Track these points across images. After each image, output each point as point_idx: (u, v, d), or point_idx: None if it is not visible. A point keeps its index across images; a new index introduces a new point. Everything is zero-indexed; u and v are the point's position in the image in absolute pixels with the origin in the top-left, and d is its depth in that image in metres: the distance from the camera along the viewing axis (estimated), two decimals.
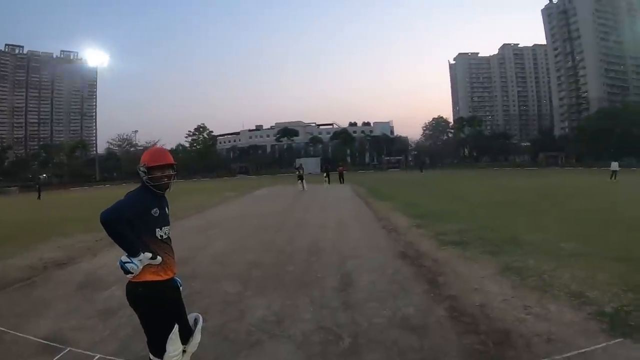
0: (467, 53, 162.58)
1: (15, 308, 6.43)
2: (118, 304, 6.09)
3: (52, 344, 4.85)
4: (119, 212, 3.15)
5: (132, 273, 3.19)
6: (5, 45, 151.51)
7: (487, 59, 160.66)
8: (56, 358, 4.50)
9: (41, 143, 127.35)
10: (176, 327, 3.34)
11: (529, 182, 32.84)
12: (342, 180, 40.20)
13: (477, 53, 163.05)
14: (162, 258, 3.30)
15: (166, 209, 3.48)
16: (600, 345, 4.01)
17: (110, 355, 4.49)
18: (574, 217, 12.57)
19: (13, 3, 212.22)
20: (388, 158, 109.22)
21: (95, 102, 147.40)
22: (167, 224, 3.46)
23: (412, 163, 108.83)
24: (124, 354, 4.51)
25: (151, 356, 3.37)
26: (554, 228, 10.58)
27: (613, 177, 33.08)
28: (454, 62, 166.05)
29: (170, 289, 3.39)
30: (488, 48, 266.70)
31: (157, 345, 3.31)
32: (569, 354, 3.90)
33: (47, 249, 11.08)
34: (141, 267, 3.19)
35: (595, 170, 53.34)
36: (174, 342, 3.30)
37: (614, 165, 34.69)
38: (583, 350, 3.94)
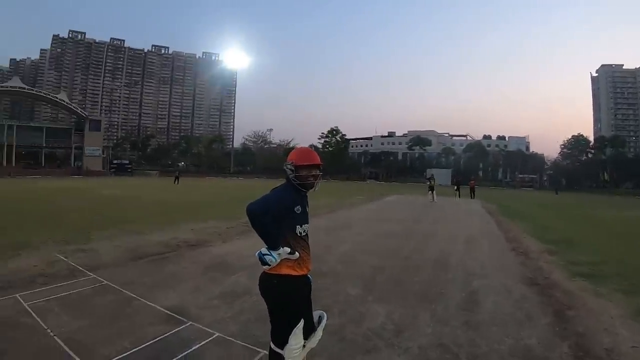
0: (611, 64, 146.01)
1: (146, 278, 7.13)
2: (242, 289, 6.55)
3: (176, 316, 5.31)
4: (265, 206, 3.28)
5: (270, 265, 3.33)
6: (152, 45, 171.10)
7: (633, 72, 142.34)
8: (178, 329, 4.90)
9: (182, 134, 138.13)
10: (302, 322, 3.41)
11: None
12: (472, 195, 38.90)
13: (622, 65, 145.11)
14: (299, 254, 3.39)
15: (307, 207, 3.56)
16: None
17: (229, 336, 4.76)
18: None
19: (162, 8, 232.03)
20: (522, 176, 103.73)
21: (234, 99, 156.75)
22: (307, 221, 3.54)
23: (546, 183, 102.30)
24: (242, 337, 4.76)
25: (272, 345, 3.45)
26: None
27: None
28: (596, 74, 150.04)
29: (302, 284, 3.49)
30: (634, 60, 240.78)
31: (281, 337, 3.39)
32: None
33: (180, 230, 12.08)
34: (279, 260, 3.31)
35: None
36: (297, 336, 3.37)
37: None
38: None
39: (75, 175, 69.65)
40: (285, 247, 3.33)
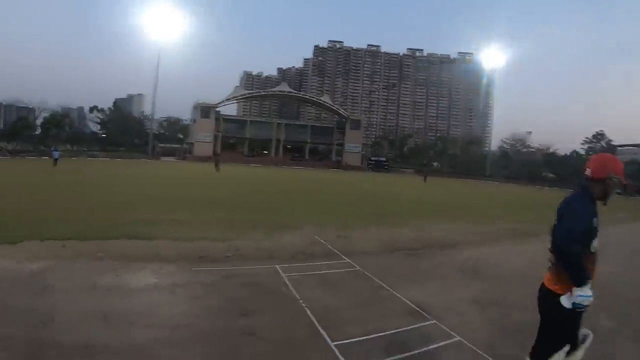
0: None
1: (397, 271, 7.28)
2: (492, 298, 6.13)
3: (421, 311, 5.26)
4: (578, 231, 2.91)
5: (584, 307, 2.88)
6: (407, 49, 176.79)
7: None
8: (420, 325, 4.84)
9: (438, 135, 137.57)
10: (567, 347, 3.09)
11: None
12: None
13: None
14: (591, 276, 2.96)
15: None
16: None
17: (471, 343, 4.50)
18: None
19: (417, 11, 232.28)
20: None
21: (492, 100, 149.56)
22: (597, 234, 3.09)
23: None
24: (483, 346, 4.43)
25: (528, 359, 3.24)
26: None
27: None
28: None
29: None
30: None
31: (542, 355, 3.13)
32: None
33: (433, 229, 11.98)
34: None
35: None
36: (558, 358, 3.08)
37: None
38: None
39: (334, 168, 76.05)
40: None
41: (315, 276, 6.31)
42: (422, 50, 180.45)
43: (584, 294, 2.82)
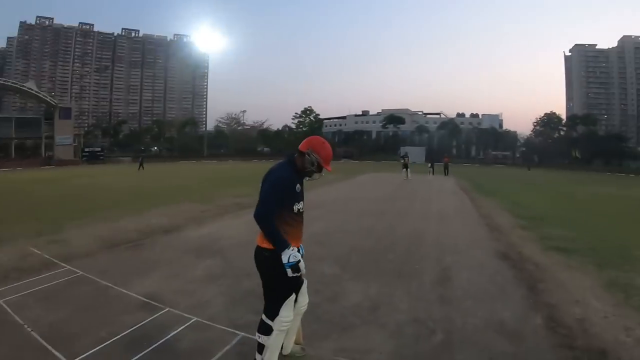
0: (585, 44, 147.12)
1: (122, 266, 7.05)
2: (219, 272, 6.56)
3: (153, 302, 5.27)
4: (272, 202, 3.36)
5: (300, 269, 3.39)
6: (122, 29, 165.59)
7: (606, 52, 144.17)
8: (155, 316, 4.86)
9: (154, 119, 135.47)
10: (293, 295, 3.52)
11: None
12: (446, 172, 39.28)
13: (595, 45, 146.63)
14: (295, 229, 3.55)
15: (303, 186, 3.65)
16: None
17: (207, 320, 4.77)
18: None
19: None
20: (495, 153, 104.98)
21: (206, 82, 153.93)
22: (303, 199, 3.64)
23: (519, 160, 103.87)
24: (219, 320, 4.78)
25: (264, 317, 3.52)
26: None
27: None
28: (570, 53, 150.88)
29: None
30: (607, 40, 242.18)
31: (273, 309, 3.47)
32: None
33: (153, 216, 11.93)
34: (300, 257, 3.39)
35: None
36: (287, 309, 3.46)
37: None
38: None
39: (45, 165, 67.69)
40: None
41: (36, 293, 5.59)
42: (138, 30, 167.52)
43: (289, 258, 3.31)
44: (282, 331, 3.49)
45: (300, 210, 3.58)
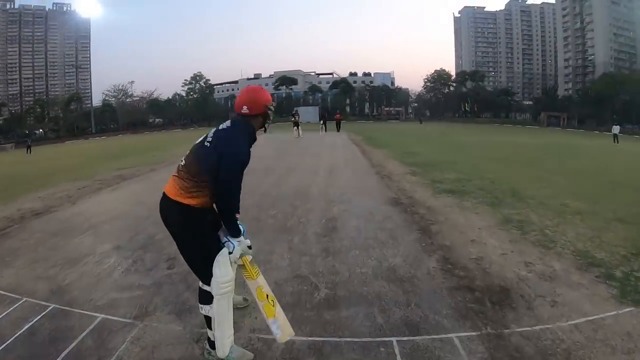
0: (473, 7, 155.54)
1: None
2: (85, 251, 5.80)
3: (9, 294, 4.52)
4: (238, 186, 3.02)
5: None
6: None
7: (494, 14, 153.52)
8: (11, 309, 4.15)
9: (36, 98, 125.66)
10: (225, 250, 2.96)
11: (532, 140, 32.08)
12: (338, 128, 39.39)
13: (484, 7, 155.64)
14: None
15: None
16: (610, 313, 3.48)
17: (66, 306, 4.11)
18: (577, 175, 11.93)
19: None
20: (388, 109, 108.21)
21: (89, 53, 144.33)
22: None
23: (412, 115, 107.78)
24: (79, 303, 4.15)
25: (200, 284, 3.02)
26: (557, 185, 10.00)
27: (615, 141, 32.79)
28: (459, 14, 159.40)
29: (208, 212, 3.06)
30: (495, 2, 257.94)
31: (204, 272, 2.94)
32: (575, 321, 3.38)
33: (27, 200, 10.62)
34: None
35: (597, 134, 52.85)
36: (222, 265, 2.92)
37: (615, 129, 34.82)
38: (592, 318, 3.42)
39: None
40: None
41: None
42: (13, 1, 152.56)
43: (235, 245, 2.96)
44: (224, 295, 2.91)
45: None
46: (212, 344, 3.01)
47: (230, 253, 2.95)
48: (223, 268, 2.90)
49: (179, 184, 2.95)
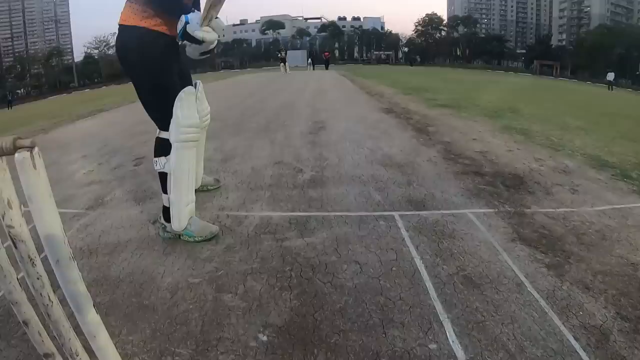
0: None
1: None
2: (47, 163, 5.12)
3: None
4: None
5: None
6: None
7: None
8: None
9: (16, 56, 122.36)
10: (190, 88, 2.36)
11: (526, 82, 31.67)
12: (327, 66, 38.53)
13: None
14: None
15: None
16: (638, 204, 3.02)
17: None
18: (576, 105, 11.74)
19: None
20: (378, 53, 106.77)
21: (68, 7, 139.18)
22: None
23: (402, 60, 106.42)
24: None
25: (158, 133, 2.38)
26: (556, 110, 9.64)
27: (610, 89, 32.47)
28: None
29: (172, 45, 2.41)
30: None
31: (164, 114, 2.28)
32: (602, 207, 2.91)
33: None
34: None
35: (590, 85, 52.73)
36: (186, 106, 2.30)
37: (610, 76, 34.53)
38: (618, 206, 2.95)
39: None
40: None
41: None
42: None
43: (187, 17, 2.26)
44: (186, 144, 2.31)
45: None
46: (167, 217, 2.39)
47: (185, 30, 2.27)
48: (186, 110, 2.28)
49: (130, 9, 2.26)
